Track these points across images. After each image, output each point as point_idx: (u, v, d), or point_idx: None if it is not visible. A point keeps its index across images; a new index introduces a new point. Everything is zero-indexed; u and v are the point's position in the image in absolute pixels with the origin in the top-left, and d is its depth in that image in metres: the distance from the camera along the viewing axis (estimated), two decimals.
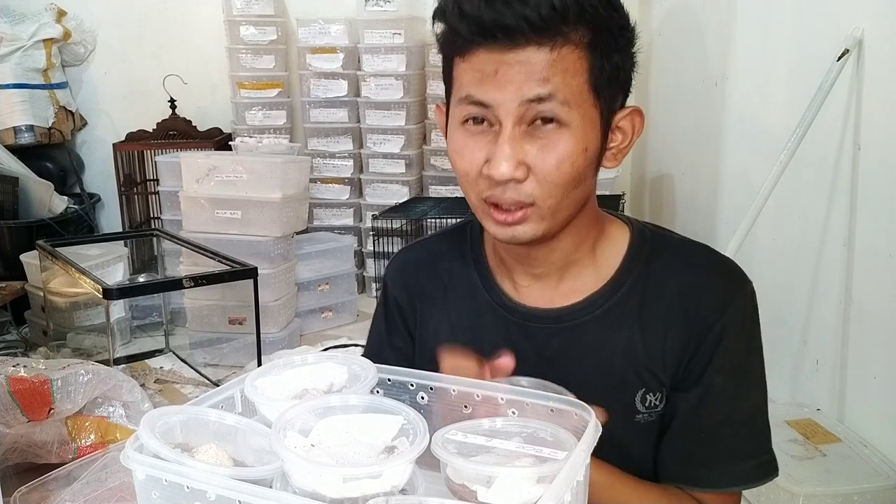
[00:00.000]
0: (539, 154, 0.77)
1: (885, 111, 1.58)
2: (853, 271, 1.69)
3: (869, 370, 1.65)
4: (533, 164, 0.77)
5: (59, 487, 1.31)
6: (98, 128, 3.56)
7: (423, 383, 0.73)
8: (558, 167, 0.77)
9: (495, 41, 0.75)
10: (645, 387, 0.85)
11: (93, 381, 1.62)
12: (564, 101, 0.75)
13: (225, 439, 0.64)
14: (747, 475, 0.85)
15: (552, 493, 0.55)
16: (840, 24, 1.70)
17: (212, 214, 2.55)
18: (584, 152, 0.77)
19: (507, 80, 0.75)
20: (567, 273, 0.88)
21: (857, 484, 1.51)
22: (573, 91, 0.75)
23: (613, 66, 0.78)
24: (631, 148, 0.85)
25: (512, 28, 0.73)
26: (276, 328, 2.56)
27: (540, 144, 0.77)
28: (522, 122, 0.76)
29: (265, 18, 3.16)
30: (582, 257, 0.88)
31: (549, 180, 0.77)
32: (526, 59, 0.74)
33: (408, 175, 3.12)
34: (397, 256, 1.02)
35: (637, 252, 0.88)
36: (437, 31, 0.81)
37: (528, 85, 0.75)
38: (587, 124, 0.77)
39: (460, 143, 0.81)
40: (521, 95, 0.75)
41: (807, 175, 1.83)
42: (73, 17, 3.36)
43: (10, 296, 2.73)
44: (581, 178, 0.79)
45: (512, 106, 0.75)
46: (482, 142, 0.79)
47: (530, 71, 0.74)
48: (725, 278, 0.86)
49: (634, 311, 0.85)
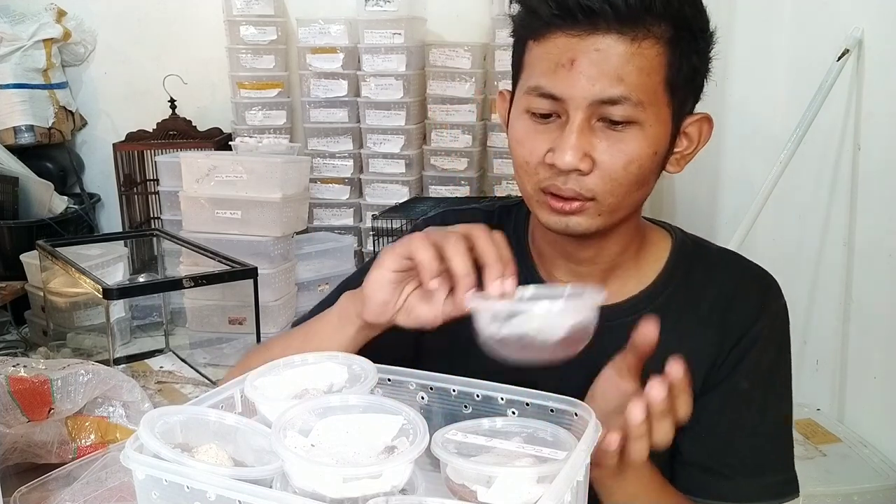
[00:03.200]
0: (608, 150, 0.75)
1: (885, 111, 1.58)
2: (853, 271, 1.69)
3: (869, 370, 1.65)
4: (599, 160, 0.75)
5: (59, 487, 1.31)
6: (98, 128, 3.56)
7: (423, 383, 0.73)
8: (626, 167, 0.75)
9: (575, 24, 0.72)
10: None
11: (93, 381, 1.61)
12: (638, 101, 0.73)
13: (225, 439, 0.64)
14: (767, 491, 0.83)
15: (552, 493, 0.55)
16: (840, 24, 1.70)
17: (212, 214, 2.55)
18: (653, 155, 0.76)
19: (580, 71, 0.73)
20: (611, 276, 0.87)
21: (857, 484, 1.51)
22: (648, 90, 0.73)
23: (691, 68, 0.76)
24: (695, 155, 0.83)
25: (595, 11, 0.71)
26: (276, 328, 2.56)
27: (610, 141, 0.75)
28: (593, 117, 0.74)
29: (265, 18, 3.15)
30: (625, 261, 0.87)
31: (613, 178, 0.75)
32: (604, 47, 0.72)
33: (408, 175, 3.12)
34: (449, 214, 0.97)
35: (678, 260, 0.87)
36: (512, 11, 0.79)
37: (602, 83, 0.72)
38: (660, 125, 0.76)
39: (523, 131, 0.78)
40: (593, 94, 0.73)
41: (807, 175, 1.83)
42: (73, 17, 3.35)
43: (10, 296, 2.73)
44: (645, 180, 0.78)
45: (583, 103, 0.73)
46: (546, 132, 0.76)
47: (606, 64, 0.72)
48: (763, 288, 0.86)
49: (674, 317, 0.84)
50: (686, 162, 0.83)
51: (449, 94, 3.03)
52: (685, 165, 0.83)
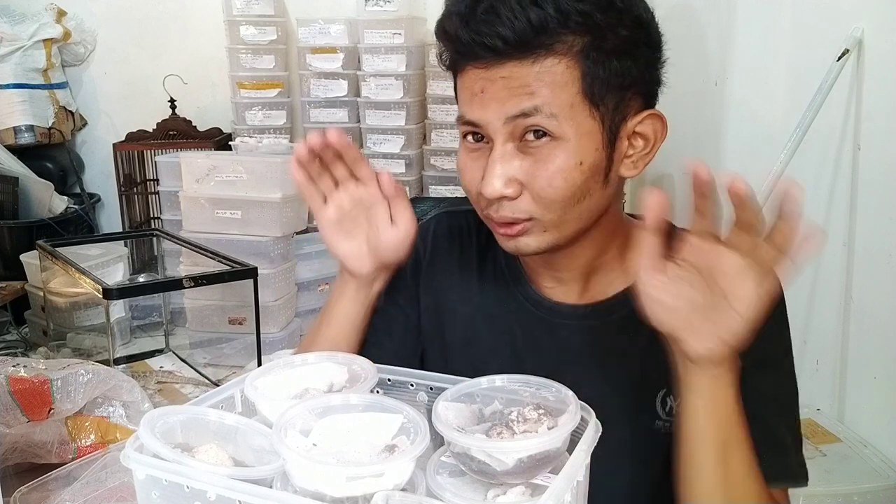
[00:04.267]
0: (530, 170, 0.75)
1: (885, 111, 1.58)
2: (853, 271, 1.69)
3: (869, 370, 1.65)
4: (525, 181, 0.76)
5: (59, 487, 1.31)
6: (98, 128, 3.56)
7: (423, 383, 0.74)
8: (550, 183, 0.75)
9: (478, 59, 0.74)
10: (666, 387, 0.82)
11: (93, 381, 1.61)
12: (552, 114, 0.73)
13: (225, 439, 0.64)
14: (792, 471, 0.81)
15: (552, 492, 0.55)
16: (840, 24, 1.70)
17: (212, 214, 2.55)
18: (578, 166, 0.75)
19: (491, 97, 0.74)
20: (593, 276, 0.87)
21: (857, 484, 1.50)
22: (562, 103, 0.73)
23: (614, 72, 0.75)
24: (654, 154, 0.82)
25: (490, 47, 0.72)
26: (276, 328, 2.56)
27: (533, 160, 0.75)
28: (513, 139, 0.75)
29: (265, 18, 3.15)
30: (608, 261, 0.86)
31: (542, 196, 0.76)
32: (508, 74, 0.73)
33: (408, 175, 3.12)
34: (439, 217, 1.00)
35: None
36: (438, 50, 0.81)
37: (512, 101, 0.74)
38: (583, 136, 0.75)
39: (462, 161, 0.81)
40: (504, 113, 0.74)
41: (807, 175, 1.83)
42: (73, 17, 3.35)
43: (10, 296, 2.73)
44: (581, 193, 0.77)
45: (498, 124, 0.75)
46: (479, 160, 0.78)
47: (514, 86, 0.73)
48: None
49: None
50: (645, 163, 0.81)
51: (449, 94, 3.02)
52: (644, 167, 0.82)
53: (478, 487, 0.62)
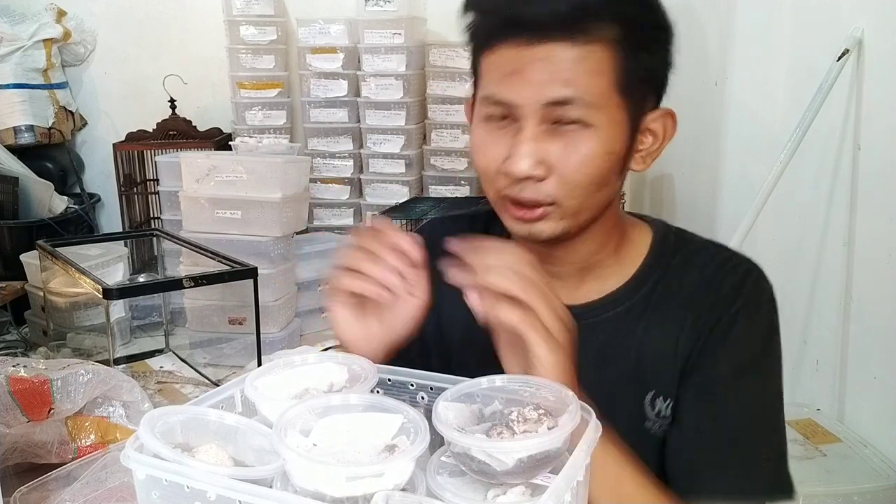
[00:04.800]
0: (562, 153, 0.75)
1: (885, 111, 1.58)
2: (853, 271, 1.69)
3: (869, 370, 1.65)
4: (555, 164, 0.75)
5: (59, 487, 1.31)
6: (98, 128, 3.56)
7: (423, 383, 0.73)
8: (580, 168, 0.75)
9: (519, 35, 0.73)
10: (655, 388, 0.82)
11: (93, 381, 1.61)
12: (589, 103, 0.73)
13: (225, 439, 0.64)
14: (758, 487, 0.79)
15: (552, 492, 0.55)
16: (840, 24, 1.70)
17: (212, 214, 2.55)
18: (608, 155, 0.76)
19: (529, 78, 0.73)
20: (588, 274, 0.86)
21: (857, 484, 1.50)
22: (598, 92, 0.74)
23: (643, 66, 0.76)
24: (661, 151, 0.82)
25: (536, 22, 0.72)
26: (276, 328, 2.56)
27: (563, 144, 0.75)
28: (545, 122, 0.75)
29: (265, 18, 3.16)
30: (604, 259, 0.86)
31: (570, 181, 0.75)
32: (550, 55, 0.72)
33: (408, 175, 3.12)
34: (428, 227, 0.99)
35: (659, 254, 0.86)
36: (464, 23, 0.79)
37: (551, 86, 0.73)
38: (613, 126, 0.75)
39: (481, 139, 0.79)
40: (543, 97, 0.73)
41: (807, 175, 1.83)
42: (73, 17, 3.36)
43: (10, 296, 2.73)
44: (604, 181, 0.77)
45: (535, 107, 0.74)
46: (503, 138, 0.77)
47: (554, 69, 0.73)
48: (743, 272, 0.84)
49: (651, 309, 0.84)
50: (653, 159, 0.82)
51: (449, 94, 3.03)
52: (651, 162, 0.83)
53: (478, 487, 0.62)
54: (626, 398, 0.82)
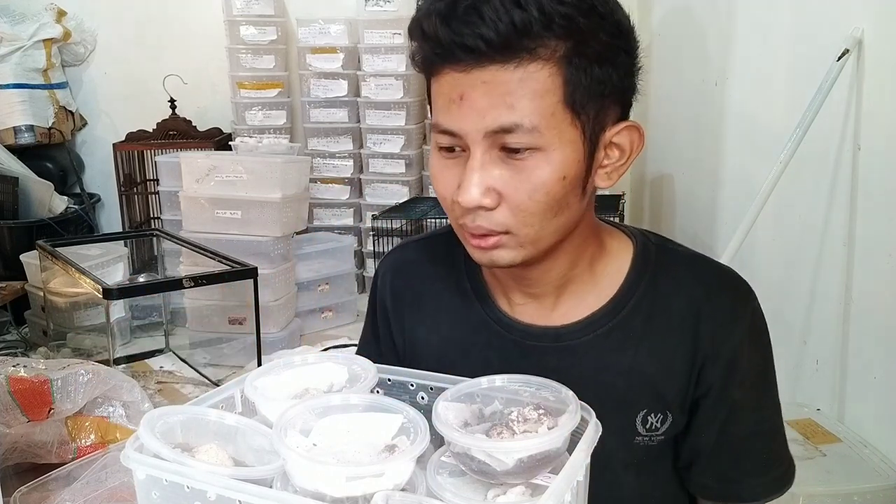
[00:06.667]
0: (511, 181, 0.72)
1: (885, 111, 1.58)
2: (853, 271, 1.69)
3: (869, 370, 1.64)
4: (504, 192, 0.72)
5: (59, 487, 1.31)
6: (98, 128, 3.56)
7: (423, 383, 0.74)
8: (532, 196, 0.72)
9: (459, 60, 0.70)
10: (647, 408, 0.81)
11: (93, 381, 1.62)
12: (535, 126, 0.70)
13: (225, 439, 0.64)
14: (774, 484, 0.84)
15: (552, 492, 0.55)
16: (840, 24, 1.70)
17: (212, 214, 2.55)
18: (561, 180, 0.72)
19: (470, 105, 0.71)
20: (565, 292, 0.84)
21: (857, 484, 1.50)
22: (544, 113, 0.70)
23: (598, 80, 0.71)
24: (629, 166, 0.79)
25: (471, 47, 0.69)
26: (276, 328, 2.56)
27: (513, 170, 0.72)
28: (493, 148, 0.72)
29: (265, 18, 3.16)
30: (579, 274, 0.83)
31: (522, 209, 0.72)
32: (492, 79, 0.69)
33: (408, 175, 3.12)
34: (392, 255, 0.97)
35: (641, 268, 0.83)
36: (411, 50, 0.77)
37: (493, 112, 0.70)
38: (567, 146, 0.72)
39: (437, 168, 0.77)
40: (485, 125, 0.70)
41: (807, 175, 1.82)
42: (73, 17, 3.36)
43: (10, 296, 2.73)
44: (561, 206, 0.74)
45: (478, 136, 0.71)
46: (456, 167, 0.74)
47: (496, 94, 0.69)
48: (733, 295, 0.83)
49: (639, 329, 0.81)
50: (619, 175, 0.78)
51: None
52: (619, 178, 0.79)
53: (478, 487, 0.62)
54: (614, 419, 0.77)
